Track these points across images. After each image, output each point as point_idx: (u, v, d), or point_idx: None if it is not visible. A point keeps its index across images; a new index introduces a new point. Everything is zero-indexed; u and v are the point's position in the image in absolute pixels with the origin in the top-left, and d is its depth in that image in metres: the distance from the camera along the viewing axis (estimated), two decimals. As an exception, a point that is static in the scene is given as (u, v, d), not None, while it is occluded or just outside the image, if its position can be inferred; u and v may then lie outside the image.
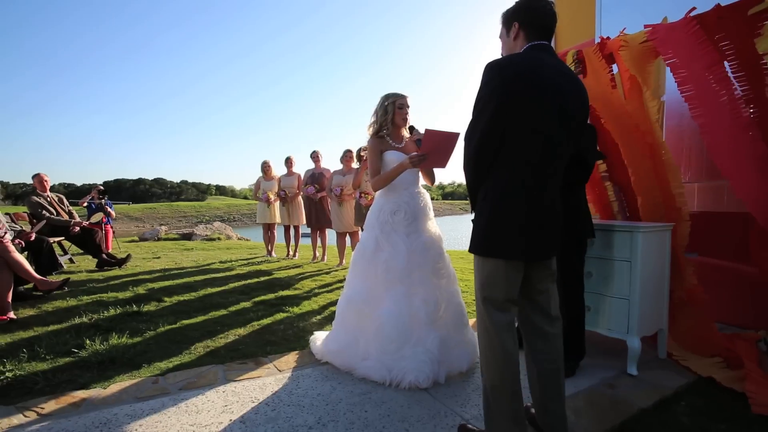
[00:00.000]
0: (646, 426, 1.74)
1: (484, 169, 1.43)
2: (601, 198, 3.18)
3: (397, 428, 1.67)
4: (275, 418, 1.74)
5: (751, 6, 2.25)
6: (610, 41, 2.96)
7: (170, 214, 34.04)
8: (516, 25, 1.51)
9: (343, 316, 2.24)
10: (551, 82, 1.38)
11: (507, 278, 1.42)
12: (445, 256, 2.26)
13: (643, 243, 2.23)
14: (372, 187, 2.31)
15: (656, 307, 2.39)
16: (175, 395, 1.93)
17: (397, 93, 2.32)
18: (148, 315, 3.11)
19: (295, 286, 4.17)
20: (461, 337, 2.18)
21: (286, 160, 6.17)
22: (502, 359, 1.42)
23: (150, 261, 5.79)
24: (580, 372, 2.25)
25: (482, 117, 1.38)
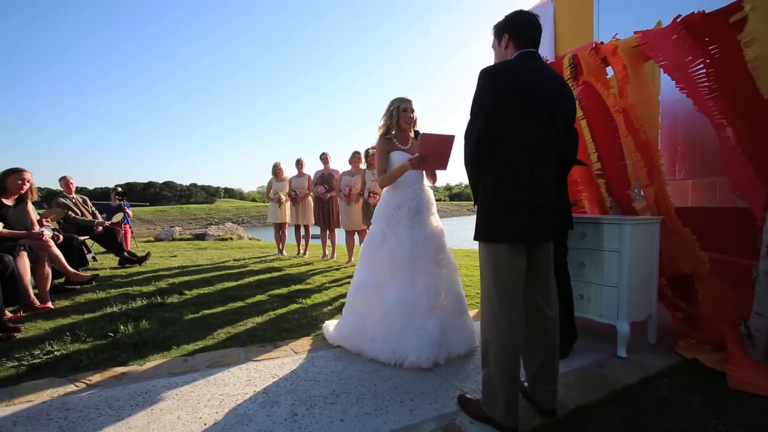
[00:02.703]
0: (629, 398, 1.91)
1: (483, 163, 1.62)
2: (595, 195, 3.35)
3: (403, 398, 1.87)
4: (294, 390, 1.95)
5: (733, 14, 2.42)
6: (603, 46, 3.13)
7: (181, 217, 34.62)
8: (506, 37, 1.71)
9: (352, 302, 2.46)
10: (538, 85, 1.57)
11: (511, 261, 1.58)
12: (446, 248, 2.45)
13: (630, 235, 2.40)
14: (378, 184, 2.52)
15: (645, 294, 2.56)
16: (203, 371, 2.15)
17: (402, 98, 2.53)
18: (171, 306, 3.35)
19: (307, 281, 4.39)
20: (460, 324, 2.38)
21: (297, 162, 6.41)
22: (507, 334, 1.57)
23: (167, 259, 6.07)
24: (573, 354, 2.43)
25: (479, 117, 1.58)
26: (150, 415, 1.72)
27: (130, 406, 1.80)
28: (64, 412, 1.73)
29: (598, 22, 4.37)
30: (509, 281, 1.58)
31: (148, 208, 35.61)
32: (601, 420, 1.72)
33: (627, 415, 1.75)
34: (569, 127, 1.73)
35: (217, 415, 1.72)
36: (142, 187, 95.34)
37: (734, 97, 2.47)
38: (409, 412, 1.75)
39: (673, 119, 3.76)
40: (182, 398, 1.87)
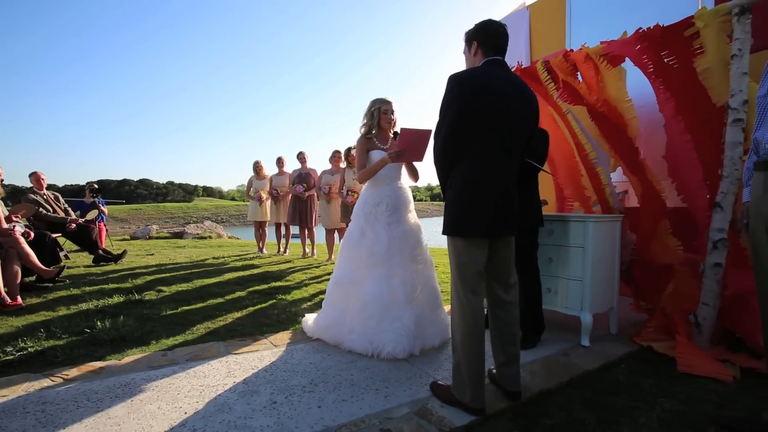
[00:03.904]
0: (588, 382, 2.06)
1: (450, 162, 1.73)
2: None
3: (379, 386, 1.96)
4: (273, 380, 2.01)
5: (686, 28, 2.61)
6: (573, 53, 3.31)
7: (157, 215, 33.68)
8: (475, 44, 1.82)
9: (331, 296, 2.53)
10: (501, 90, 1.68)
11: (474, 254, 1.71)
12: (422, 244, 2.56)
13: (594, 231, 2.56)
14: (357, 179, 2.60)
15: (607, 287, 2.73)
16: (183, 365, 2.18)
17: (382, 99, 2.62)
18: (150, 303, 3.34)
19: (287, 278, 4.43)
20: (435, 317, 2.49)
21: (278, 160, 6.42)
22: (471, 322, 1.69)
23: (144, 257, 5.97)
24: (541, 344, 2.57)
25: (446, 119, 1.69)
26: (130, 406, 1.75)
27: (110, 398, 1.82)
28: (41, 406, 1.74)
29: (570, 30, 4.57)
30: (472, 272, 1.70)
31: (123, 207, 34.50)
32: (562, 402, 1.85)
33: (585, 397, 1.89)
34: (531, 130, 1.85)
35: (197, 405, 1.76)
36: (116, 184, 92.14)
37: (692, 105, 2.66)
38: (384, 398, 1.84)
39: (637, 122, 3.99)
40: (162, 390, 1.90)
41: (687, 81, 2.68)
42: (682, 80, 2.71)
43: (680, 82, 2.72)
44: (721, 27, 2.41)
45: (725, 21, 2.37)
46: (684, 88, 2.71)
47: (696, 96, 2.65)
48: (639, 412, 1.75)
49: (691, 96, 2.68)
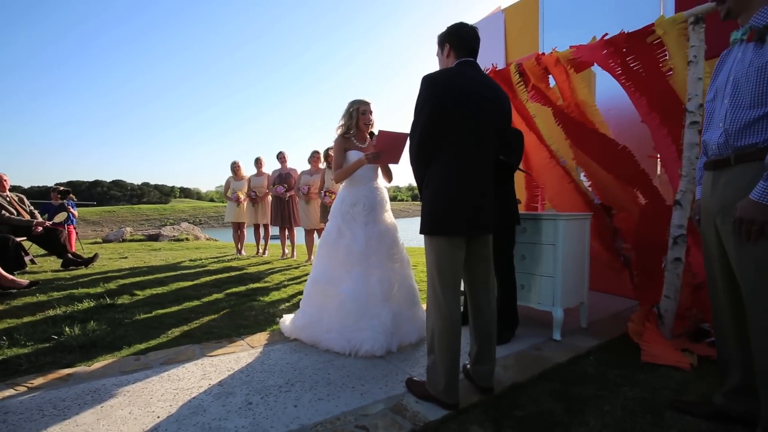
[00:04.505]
0: (558, 374, 2.14)
1: (425, 162, 1.77)
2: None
3: (355, 384, 1.98)
4: (249, 381, 2.00)
5: (648, 35, 2.74)
6: (544, 57, 3.41)
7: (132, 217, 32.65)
8: (447, 46, 1.86)
9: (309, 295, 2.54)
10: (473, 90, 1.73)
11: (451, 253, 1.74)
12: (399, 243, 2.60)
13: (564, 229, 2.66)
14: (334, 179, 2.62)
15: (577, 283, 2.84)
16: (156, 369, 2.14)
17: (361, 100, 2.65)
18: (122, 307, 3.25)
19: (265, 280, 4.39)
20: (412, 314, 2.53)
21: (256, 161, 6.34)
22: (447, 319, 1.72)
23: (117, 261, 5.79)
24: (515, 340, 2.65)
25: (420, 119, 1.73)
26: (99, 413, 1.71)
27: (78, 405, 1.77)
28: (2, 416, 1.68)
29: (543, 35, 4.71)
30: (449, 271, 1.74)
31: (95, 209, 33.25)
32: (532, 394, 1.92)
33: (554, 389, 1.97)
34: (504, 130, 1.91)
35: (171, 408, 1.74)
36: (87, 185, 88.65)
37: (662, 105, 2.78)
38: (360, 396, 1.86)
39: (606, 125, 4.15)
40: (134, 394, 1.86)
41: (655, 84, 2.80)
42: (651, 83, 2.84)
43: (648, 85, 2.85)
44: (680, 33, 2.54)
45: (683, 28, 2.51)
46: (653, 90, 2.84)
47: (664, 97, 2.77)
48: (604, 400, 1.84)
49: (660, 97, 2.80)
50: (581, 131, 3.17)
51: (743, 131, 1.42)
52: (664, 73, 2.72)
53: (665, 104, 2.73)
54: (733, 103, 1.46)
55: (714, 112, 1.58)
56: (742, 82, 1.43)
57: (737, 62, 1.48)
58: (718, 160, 1.53)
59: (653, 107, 2.82)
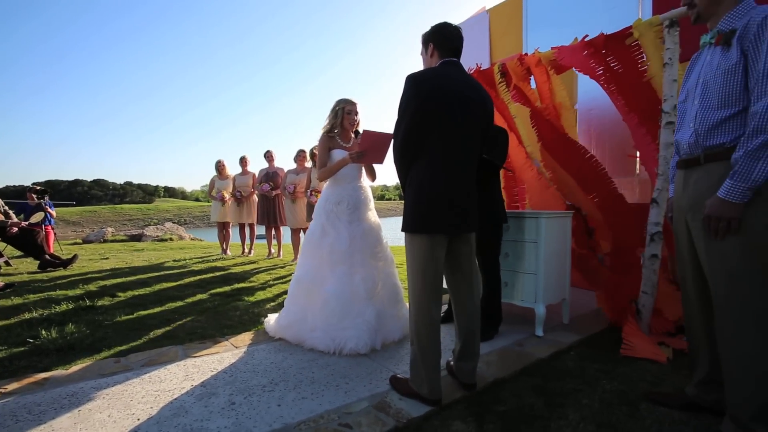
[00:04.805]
0: (539, 369, 2.18)
1: (409, 160, 1.78)
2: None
3: (339, 383, 1.98)
4: (232, 382, 1.99)
5: (626, 37, 2.80)
6: (527, 57, 3.46)
7: (114, 218, 31.90)
8: (431, 46, 1.88)
9: (293, 294, 2.53)
10: (456, 90, 1.75)
11: (432, 251, 1.76)
12: (382, 241, 2.61)
13: (546, 227, 2.70)
14: (318, 177, 2.62)
15: (559, 279, 2.89)
16: (137, 370, 2.11)
17: (347, 99, 2.64)
18: (102, 309, 3.18)
19: (250, 279, 4.35)
20: (395, 312, 2.54)
21: (241, 160, 6.28)
22: (428, 317, 1.74)
23: (98, 262, 5.67)
24: (498, 336, 2.69)
25: (404, 118, 1.74)
26: (77, 416, 1.68)
27: (54, 409, 1.73)
28: (-25, 422, 1.63)
29: (527, 35, 4.78)
30: (431, 269, 1.75)
31: (75, 209, 32.38)
32: (513, 389, 1.95)
33: (535, 383, 2.00)
34: (487, 129, 1.93)
35: (151, 410, 1.72)
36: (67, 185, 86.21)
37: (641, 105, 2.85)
38: (344, 394, 1.86)
39: (588, 124, 4.23)
40: (113, 397, 1.83)
41: (634, 84, 2.87)
42: (629, 83, 2.91)
43: (628, 85, 2.92)
44: (656, 36, 2.61)
45: (659, 31, 2.57)
46: (631, 90, 2.90)
47: (643, 97, 2.84)
48: (583, 394, 1.88)
49: (639, 97, 2.87)
50: (553, 135, 3.23)
51: (712, 131, 1.47)
52: (643, 73, 2.80)
53: (644, 104, 2.80)
54: (702, 104, 1.51)
55: (685, 113, 1.63)
56: (711, 84, 1.48)
57: (706, 65, 1.53)
58: (689, 159, 1.58)
59: (632, 107, 2.89)
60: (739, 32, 1.39)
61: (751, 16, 1.37)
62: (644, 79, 2.80)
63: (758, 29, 1.33)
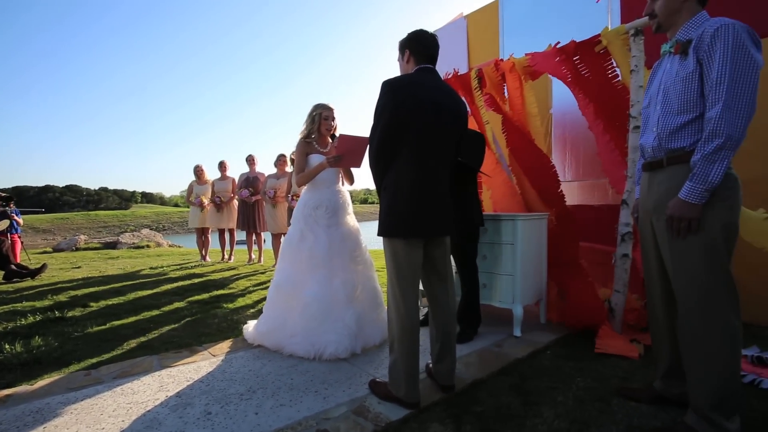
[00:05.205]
0: (517, 369, 2.22)
1: (384, 165, 1.80)
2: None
3: (318, 388, 1.97)
4: (209, 391, 1.95)
5: (596, 45, 2.90)
6: (502, 63, 3.54)
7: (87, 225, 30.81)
8: (407, 52, 1.90)
9: (272, 300, 2.50)
10: (430, 96, 1.77)
11: (409, 255, 1.77)
12: (362, 245, 2.61)
13: (522, 229, 2.76)
14: (296, 183, 2.61)
15: (536, 280, 2.95)
16: (109, 383, 2.04)
17: (324, 105, 2.65)
18: (73, 320, 3.07)
19: (230, 286, 4.28)
20: (376, 316, 2.55)
21: (220, 165, 6.19)
22: (406, 320, 1.76)
23: (69, 271, 5.47)
24: (478, 337, 2.72)
25: (380, 123, 1.75)
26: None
27: (17, 427, 1.65)
28: (-69, 442, 1.55)
29: (503, 42, 4.88)
30: (407, 272, 1.77)
31: (46, 216, 31.14)
32: (491, 389, 1.98)
33: (513, 383, 2.04)
34: (461, 135, 1.97)
35: (123, 424, 1.67)
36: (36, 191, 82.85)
37: (608, 111, 2.95)
38: (323, 400, 1.85)
39: (563, 129, 4.35)
40: (82, 412, 1.77)
41: (602, 90, 2.97)
42: (598, 89, 3.01)
43: (596, 91, 3.02)
44: (623, 44, 2.72)
45: (625, 39, 2.68)
46: (600, 96, 3.00)
47: (611, 103, 2.94)
48: (558, 392, 1.92)
49: (607, 103, 2.97)
50: (521, 143, 3.31)
51: (673, 135, 1.54)
52: (611, 80, 2.90)
53: (609, 111, 2.90)
54: (663, 110, 1.58)
55: (649, 118, 1.70)
56: (671, 91, 1.55)
57: (666, 72, 1.61)
58: (653, 162, 1.65)
59: (599, 114, 2.98)
60: (695, 42, 1.47)
61: (705, 28, 1.45)
62: (612, 85, 2.90)
63: (711, 40, 1.40)
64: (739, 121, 1.36)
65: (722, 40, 1.38)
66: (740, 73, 1.35)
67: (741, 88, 1.35)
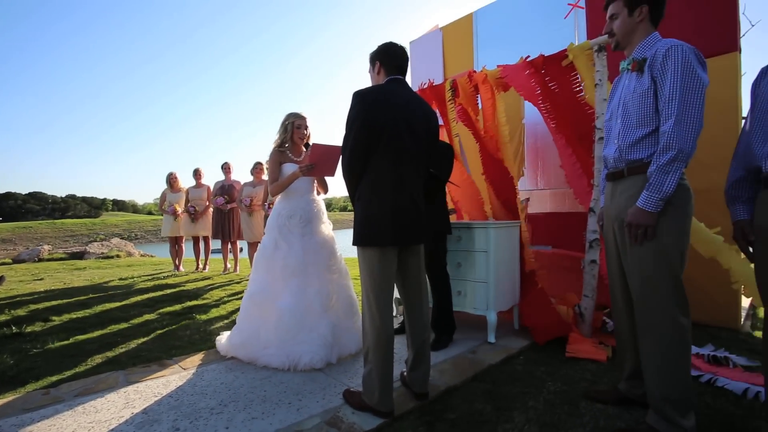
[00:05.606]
0: (491, 375, 2.25)
1: (357, 174, 1.81)
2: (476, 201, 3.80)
3: (292, 400, 1.94)
4: (178, 406, 1.89)
5: (563, 59, 3.03)
6: (475, 74, 3.64)
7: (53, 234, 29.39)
8: (378, 64, 1.94)
9: (246, 310, 2.46)
10: (401, 107, 1.81)
11: (383, 263, 1.78)
12: (337, 254, 2.61)
13: (495, 237, 2.82)
14: (270, 192, 2.59)
15: (510, 287, 3.02)
16: (69, 402, 1.95)
17: (297, 113, 2.65)
18: (32, 335, 2.92)
19: (204, 296, 4.17)
20: (351, 324, 2.54)
21: (195, 172, 6.06)
22: (381, 328, 1.76)
23: (30, 283, 5.19)
24: (453, 344, 2.75)
25: (351, 133, 1.77)
26: (-5, 457, 1.52)
27: (-32, 451, 1.56)
28: None
29: (477, 54, 5.02)
30: (382, 281, 1.78)
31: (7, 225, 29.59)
32: (465, 395, 2.00)
33: (486, 389, 2.07)
34: (432, 144, 2.00)
35: (83, 444, 1.59)
36: (-3, 199, 78.61)
37: (572, 123, 3.08)
38: (296, 411, 1.82)
39: (534, 139, 4.50)
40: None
41: (565, 104, 3.10)
42: (563, 102, 3.13)
43: (561, 104, 3.14)
44: (588, 58, 2.85)
45: (590, 54, 2.81)
46: (564, 108, 3.13)
47: (575, 115, 3.07)
48: (529, 396, 1.96)
49: (571, 115, 3.10)
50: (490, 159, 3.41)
51: (632, 147, 1.63)
52: (575, 94, 3.03)
53: (571, 127, 3.04)
54: (623, 123, 1.67)
55: (611, 131, 1.79)
56: (630, 106, 1.64)
57: (625, 88, 1.70)
58: (615, 172, 1.73)
59: (561, 128, 3.11)
60: (649, 61, 1.56)
61: (657, 48, 1.54)
62: (577, 100, 3.03)
63: (663, 60, 1.50)
64: (690, 135, 1.45)
65: (672, 60, 1.47)
66: (689, 91, 1.45)
67: (690, 105, 1.45)
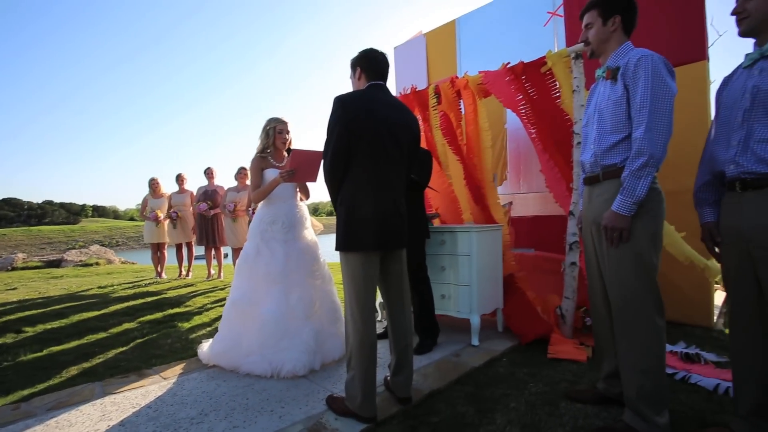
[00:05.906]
0: (475, 377, 2.27)
1: (339, 180, 1.82)
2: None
3: (274, 407, 1.92)
4: (157, 417, 1.85)
5: (541, 65, 3.10)
6: (458, 80, 3.69)
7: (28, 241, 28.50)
8: (358, 69, 1.95)
9: (228, 318, 2.43)
10: (381, 112, 1.82)
11: (366, 268, 1.79)
12: (320, 260, 2.60)
13: (477, 240, 2.86)
14: (252, 199, 2.57)
15: (493, 290, 3.05)
16: (42, 416, 1.88)
17: (278, 118, 2.64)
18: (2, 347, 2.82)
19: (186, 304, 4.09)
20: (335, 330, 2.53)
21: (177, 177, 5.97)
22: (363, 334, 1.76)
23: (2, 293, 5.02)
24: (437, 348, 2.76)
25: (332, 139, 1.78)
26: (-39, 475, 1.46)
27: (-68, 470, 1.49)
28: None
29: (460, 60, 5.10)
30: (364, 287, 1.78)
31: (-22, 232, 28.46)
32: (448, 399, 2.02)
33: (469, 392, 2.09)
34: (413, 150, 2.02)
35: (55, 459, 1.54)
36: (-31, 205, 75.64)
37: (550, 129, 3.15)
38: (278, 419, 1.81)
39: (517, 143, 4.57)
40: (10, 449, 1.62)
41: (544, 111, 3.17)
42: (541, 109, 3.20)
43: (539, 111, 3.21)
44: (566, 65, 2.93)
45: (568, 61, 2.89)
46: (543, 114, 3.20)
47: (553, 121, 3.14)
48: (511, 398, 1.99)
49: (549, 121, 3.17)
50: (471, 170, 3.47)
51: (607, 153, 1.68)
52: (554, 101, 3.10)
53: (548, 133, 3.11)
54: (599, 129, 1.72)
55: (588, 136, 1.84)
56: (604, 112, 1.69)
57: (600, 95, 1.75)
58: (591, 177, 1.78)
59: (539, 134, 3.18)
60: (622, 69, 1.62)
61: (629, 57, 1.60)
62: (555, 105, 3.11)
63: (634, 68, 1.56)
64: (660, 141, 1.50)
65: (643, 69, 1.53)
66: (658, 99, 1.50)
67: (660, 113, 1.50)
